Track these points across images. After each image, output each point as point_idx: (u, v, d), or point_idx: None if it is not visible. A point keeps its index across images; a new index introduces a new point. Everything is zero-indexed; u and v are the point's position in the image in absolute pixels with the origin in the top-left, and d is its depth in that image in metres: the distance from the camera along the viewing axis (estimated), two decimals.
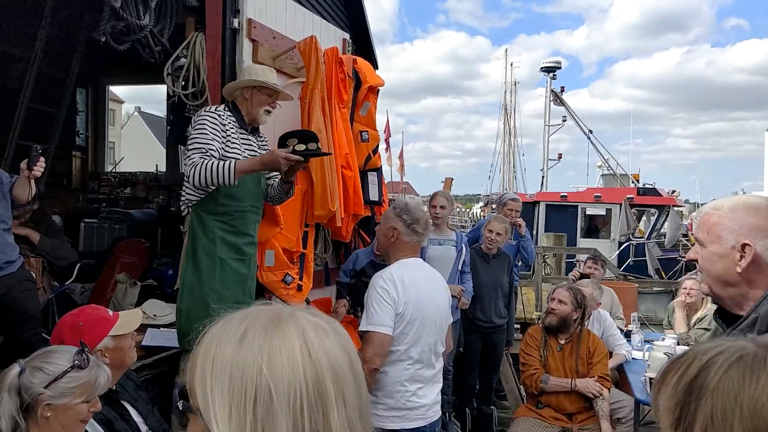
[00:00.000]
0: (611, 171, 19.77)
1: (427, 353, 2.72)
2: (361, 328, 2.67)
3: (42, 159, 3.02)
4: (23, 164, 3.02)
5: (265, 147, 3.46)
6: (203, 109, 3.26)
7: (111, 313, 2.26)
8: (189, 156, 3.06)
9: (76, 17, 5.79)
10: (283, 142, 3.22)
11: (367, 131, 4.92)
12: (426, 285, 2.75)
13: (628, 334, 4.87)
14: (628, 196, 15.19)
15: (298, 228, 4.05)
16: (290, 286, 3.87)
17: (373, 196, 4.91)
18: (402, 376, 2.66)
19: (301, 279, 4.01)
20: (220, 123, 3.12)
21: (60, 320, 2.27)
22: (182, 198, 3.21)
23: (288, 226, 3.89)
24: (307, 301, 3.98)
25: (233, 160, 3.02)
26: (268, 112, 3.31)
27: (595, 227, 16.19)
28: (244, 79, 3.33)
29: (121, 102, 30.64)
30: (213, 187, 3.06)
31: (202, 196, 3.14)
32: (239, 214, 3.20)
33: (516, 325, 6.37)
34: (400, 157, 25.05)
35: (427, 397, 2.74)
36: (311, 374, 0.73)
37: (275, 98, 3.32)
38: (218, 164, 2.97)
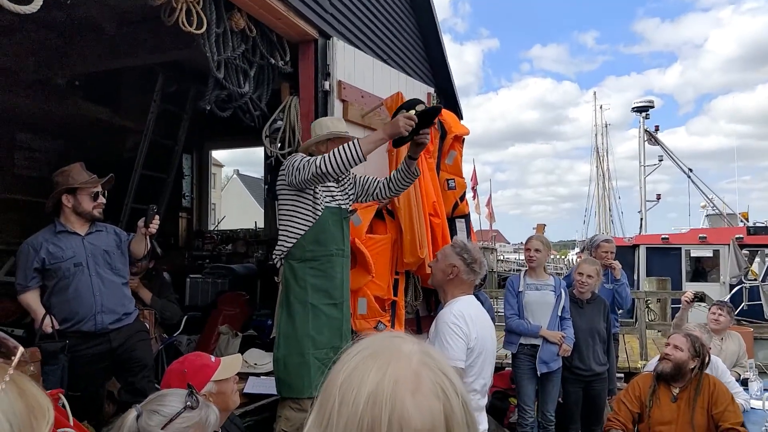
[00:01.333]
0: (716, 210, 18.62)
1: (485, 384, 2.85)
2: None
3: (157, 217, 3.34)
4: (140, 222, 3.35)
5: (348, 190, 3.56)
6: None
7: (213, 359, 2.35)
8: (301, 165, 3.13)
9: (183, 90, 6.36)
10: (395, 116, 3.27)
11: (453, 179, 5.00)
12: (483, 321, 2.85)
13: (744, 382, 4.52)
14: (737, 236, 14.20)
15: (389, 276, 4.13)
16: None
17: None
18: None
19: (393, 327, 4.06)
20: None
21: (167, 368, 2.40)
22: (275, 251, 3.39)
23: (379, 274, 3.98)
24: None
25: (355, 138, 3.12)
26: None
27: (703, 270, 15.19)
28: (315, 138, 3.49)
29: (221, 165, 32.58)
30: (343, 172, 3.12)
31: (292, 245, 3.29)
32: (326, 258, 3.32)
33: (619, 375, 6.07)
34: (488, 204, 24.79)
35: (482, 423, 2.87)
36: (368, 420, 0.70)
37: None
38: (342, 147, 3.05)
